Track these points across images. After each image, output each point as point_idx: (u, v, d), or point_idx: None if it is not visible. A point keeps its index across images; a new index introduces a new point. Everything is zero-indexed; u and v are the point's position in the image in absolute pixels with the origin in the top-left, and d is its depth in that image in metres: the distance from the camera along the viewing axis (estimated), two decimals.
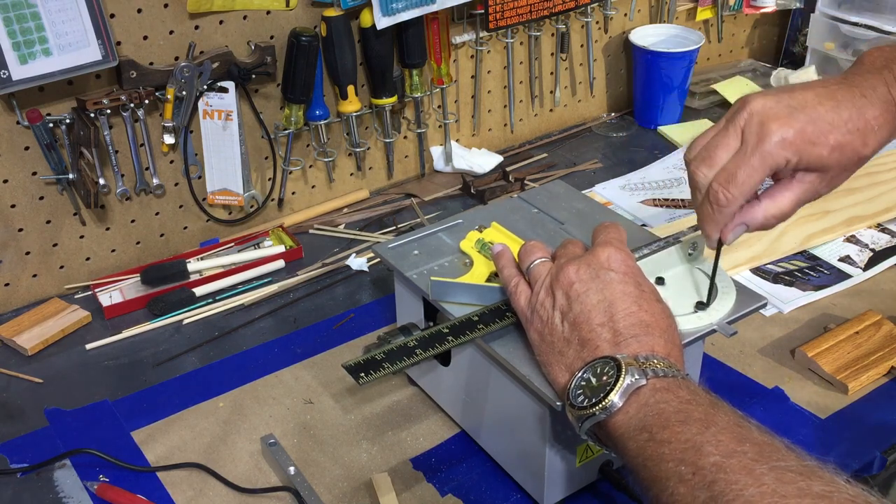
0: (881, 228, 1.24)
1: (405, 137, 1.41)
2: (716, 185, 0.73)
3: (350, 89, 1.26)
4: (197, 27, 1.14)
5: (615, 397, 0.64)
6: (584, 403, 0.66)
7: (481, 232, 0.92)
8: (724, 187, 0.73)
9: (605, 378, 0.66)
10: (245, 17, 1.17)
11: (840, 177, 0.76)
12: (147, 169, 1.18)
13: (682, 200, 1.34)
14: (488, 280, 0.86)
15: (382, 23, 1.21)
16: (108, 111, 1.09)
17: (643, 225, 1.23)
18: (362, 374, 0.75)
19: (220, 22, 1.16)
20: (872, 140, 0.75)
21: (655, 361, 0.66)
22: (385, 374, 0.76)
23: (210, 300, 1.15)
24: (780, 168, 0.73)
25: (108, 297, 1.15)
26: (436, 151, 1.45)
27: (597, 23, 1.55)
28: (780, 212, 0.76)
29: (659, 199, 1.35)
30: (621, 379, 0.64)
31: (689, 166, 0.77)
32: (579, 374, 0.68)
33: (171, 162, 1.20)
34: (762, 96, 0.74)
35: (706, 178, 0.74)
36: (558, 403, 0.71)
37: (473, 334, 0.78)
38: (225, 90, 1.17)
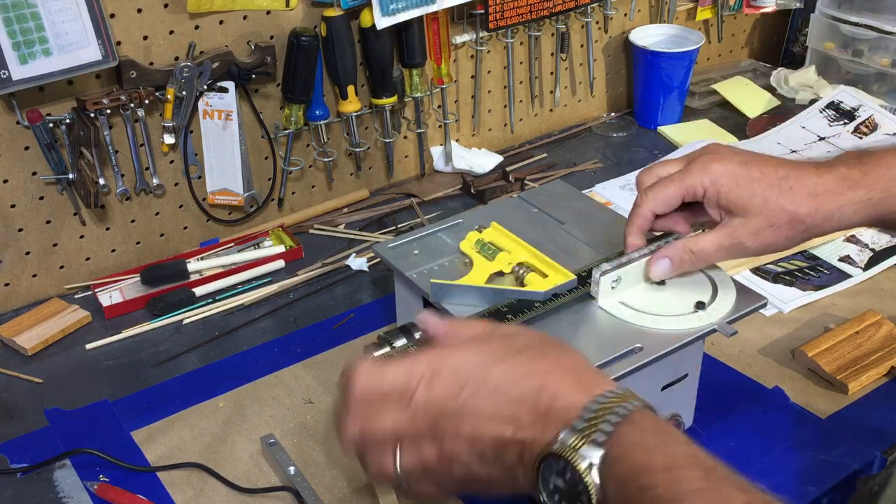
0: (881, 228, 1.24)
1: (405, 137, 1.41)
2: (638, 178, 0.80)
3: (350, 89, 1.26)
4: (197, 27, 1.14)
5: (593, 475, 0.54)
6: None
7: (481, 232, 0.92)
8: (641, 178, 0.80)
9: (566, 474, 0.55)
10: (245, 17, 1.17)
11: (768, 232, 0.76)
12: (147, 169, 1.17)
13: None
14: (488, 281, 0.86)
15: (382, 23, 1.21)
16: (108, 111, 1.09)
17: None
18: None
19: (220, 22, 1.16)
20: (808, 202, 0.75)
21: (588, 424, 0.56)
22: None
23: (210, 300, 1.15)
24: (698, 193, 0.77)
25: (108, 297, 1.15)
26: (436, 151, 1.45)
27: (597, 23, 1.55)
28: (699, 248, 0.79)
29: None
30: (578, 462, 0.54)
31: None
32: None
33: (171, 162, 1.20)
34: (724, 146, 0.80)
35: (638, 180, 0.81)
36: None
37: None
38: (225, 90, 1.17)
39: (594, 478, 0.54)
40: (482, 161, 1.45)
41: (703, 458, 0.54)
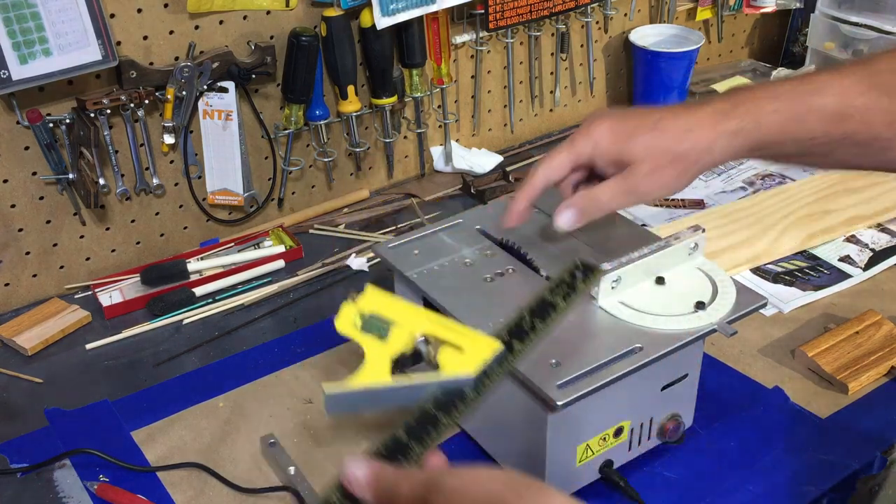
0: (881, 228, 1.24)
1: (405, 137, 1.41)
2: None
3: (350, 89, 1.26)
4: (197, 27, 1.14)
5: None
6: None
7: (357, 302, 0.66)
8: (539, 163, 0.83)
9: None
10: (245, 17, 1.17)
11: (657, 175, 0.78)
12: (147, 169, 1.18)
13: (682, 200, 1.34)
14: (394, 372, 0.63)
15: (382, 23, 1.21)
16: (108, 111, 1.09)
17: (643, 225, 1.23)
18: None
19: (220, 22, 1.16)
20: (684, 138, 0.77)
21: None
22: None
23: (210, 300, 1.15)
24: (585, 154, 0.81)
25: (108, 297, 1.15)
26: (436, 151, 1.45)
27: (597, 23, 1.55)
28: (595, 195, 0.80)
29: (659, 200, 1.35)
30: None
31: None
32: None
33: (171, 162, 1.20)
34: (605, 110, 0.85)
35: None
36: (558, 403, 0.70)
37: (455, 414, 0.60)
38: (225, 90, 1.17)
39: None
40: (482, 161, 1.45)
41: None
